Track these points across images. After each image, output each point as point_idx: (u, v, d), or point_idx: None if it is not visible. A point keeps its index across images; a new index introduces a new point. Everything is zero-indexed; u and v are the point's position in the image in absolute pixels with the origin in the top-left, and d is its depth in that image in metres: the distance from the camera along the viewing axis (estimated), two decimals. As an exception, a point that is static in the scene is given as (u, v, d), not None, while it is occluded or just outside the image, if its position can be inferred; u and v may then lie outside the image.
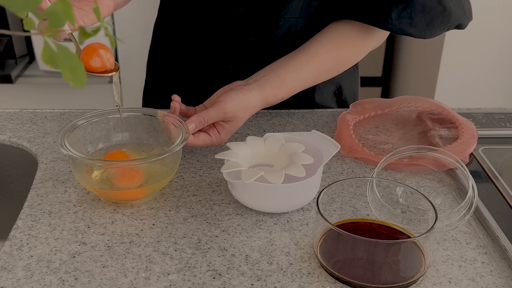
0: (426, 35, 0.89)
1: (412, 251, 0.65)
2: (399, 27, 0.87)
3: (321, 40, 0.90)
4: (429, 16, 0.87)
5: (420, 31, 0.88)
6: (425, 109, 0.99)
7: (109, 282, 0.64)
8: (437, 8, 0.86)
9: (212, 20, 0.96)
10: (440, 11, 0.87)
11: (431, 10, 0.86)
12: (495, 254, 0.69)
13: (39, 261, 0.66)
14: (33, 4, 0.39)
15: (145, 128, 0.83)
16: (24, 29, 0.41)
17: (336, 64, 0.93)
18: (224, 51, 0.98)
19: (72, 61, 0.41)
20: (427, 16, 0.87)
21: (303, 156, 0.75)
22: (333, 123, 0.99)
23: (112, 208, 0.76)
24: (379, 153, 0.89)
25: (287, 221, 0.74)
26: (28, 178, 0.92)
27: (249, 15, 0.93)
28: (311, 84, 0.92)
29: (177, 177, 0.82)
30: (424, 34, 0.89)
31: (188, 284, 0.64)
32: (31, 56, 2.24)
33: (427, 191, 0.81)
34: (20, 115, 0.99)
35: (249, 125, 0.97)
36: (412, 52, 2.35)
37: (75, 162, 0.74)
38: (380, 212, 0.73)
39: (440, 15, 0.87)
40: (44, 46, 0.41)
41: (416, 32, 0.88)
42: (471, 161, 0.88)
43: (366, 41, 0.93)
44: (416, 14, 0.86)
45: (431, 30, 0.89)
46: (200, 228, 0.72)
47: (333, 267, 0.64)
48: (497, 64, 2.04)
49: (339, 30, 0.91)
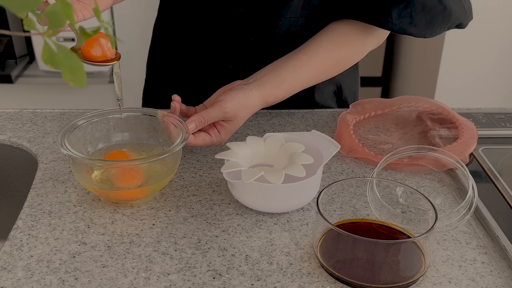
0: (426, 34, 0.89)
1: (412, 251, 0.65)
2: (400, 26, 0.87)
3: (321, 40, 0.90)
4: (430, 15, 0.87)
5: (421, 31, 0.88)
6: (425, 109, 0.99)
7: (109, 282, 0.64)
8: (438, 7, 0.86)
9: (212, 19, 0.96)
10: (441, 10, 0.87)
11: (431, 10, 0.86)
12: (495, 254, 0.69)
13: (39, 261, 0.66)
14: (33, 4, 0.39)
15: (145, 128, 0.83)
16: (24, 29, 0.41)
17: (336, 64, 0.93)
18: (224, 51, 0.98)
19: (72, 61, 0.41)
20: (427, 15, 0.87)
21: (303, 156, 0.75)
22: (333, 123, 0.99)
23: (112, 208, 0.76)
24: (379, 153, 0.89)
25: (287, 221, 0.74)
26: (28, 178, 0.92)
27: (249, 15, 0.93)
28: (311, 83, 0.92)
29: (177, 177, 0.82)
30: (425, 33, 0.89)
31: (188, 284, 0.64)
32: (31, 56, 2.24)
33: (427, 191, 0.81)
34: (20, 115, 0.99)
35: (249, 125, 0.97)
36: (412, 52, 2.35)
37: (75, 162, 0.74)
38: (380, 212, 0.73)
39: (440, 14, 0.87)
40: (44, 46, 0.41)
41: (416, 31, 0.88)
42: (471, 161, 0.88)
43: (366, 41, 0.93)
44: (416, 13, 0.86)
45: (432, 29, 0.89)
46: (200, 228, 0.72)
47: (333, 267, 0.64)
48: (497, 64, 2.04)
49: (339, 29, 0.91)
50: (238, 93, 0.83)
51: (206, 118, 0.80)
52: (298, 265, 0.66)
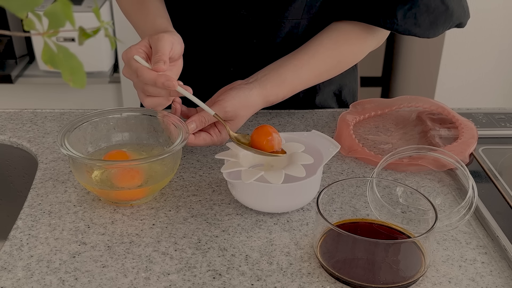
0: (430, 34, 0.89)
1: (412, 251, 0.65)
2: (405, 27, 0.87)
3: (322, 40, 0.90)
4: (433, 15, 0.87)
5: (425, 31, 0.89)
6: (425, 109, 0.99)
7: (109, 282, 0.64)
8: (440, 7, 0.87)
9: (214, 22, 0.95)
10: (443, 10, 0.87)
11: (434, 10, 0.87)
12: (495, 254, 0.69)
13: (39, 261, 0.66)
14: (33, 4, 0.39)
15: (145, 128, 0.83)
16: (24, 29, 0.41)
17: (337, 64, 0.93)
18: (226, 53, 0.98)
19: (72, 62, 0.41)
20: (431, 15, 0.87)
21: (303, 156, 0.75)
22: (333, 123, 0.99)
23: (112, 208, 0.76)
24: (379, 153, 0.89)
25: (287, 221, 0.74)
26: (28, 178, 0.92)
27: (251, 17, 0.93)
28: (312, 83, 0.92)
29: (177, 177, 0.82)
30: (428, 33, 0.89)
31: (188, 284, 0.64)
32: (31, 56, 2.24)
33: (427, 191, 0.81)
34: (20, 115, 0.99)
35: (249, 125, 0.97)
36: (412, 52, 2.35)
37: (75, 162, 0.74)
38: (380, 212, 0.73)
39: (443, 14, 0.88)
40: (44, 47, 0.41)
41: (420, 32, 0.88)
42: (471, 161, 0.88)
43: (366, 41, 0.93)
44: (420, 14, 0.86)
45: (435, 29, 0.89)
46: (200, 228, 0.72)
47: (333, 267, 0.64)
48: (497, 64, 2.04)
49: (339, 29, 0.91)
50: (239, 92, 0.83)
51: (206, 118, 0.80)
52: (298, 265, 0.66)
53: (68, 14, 0.40)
